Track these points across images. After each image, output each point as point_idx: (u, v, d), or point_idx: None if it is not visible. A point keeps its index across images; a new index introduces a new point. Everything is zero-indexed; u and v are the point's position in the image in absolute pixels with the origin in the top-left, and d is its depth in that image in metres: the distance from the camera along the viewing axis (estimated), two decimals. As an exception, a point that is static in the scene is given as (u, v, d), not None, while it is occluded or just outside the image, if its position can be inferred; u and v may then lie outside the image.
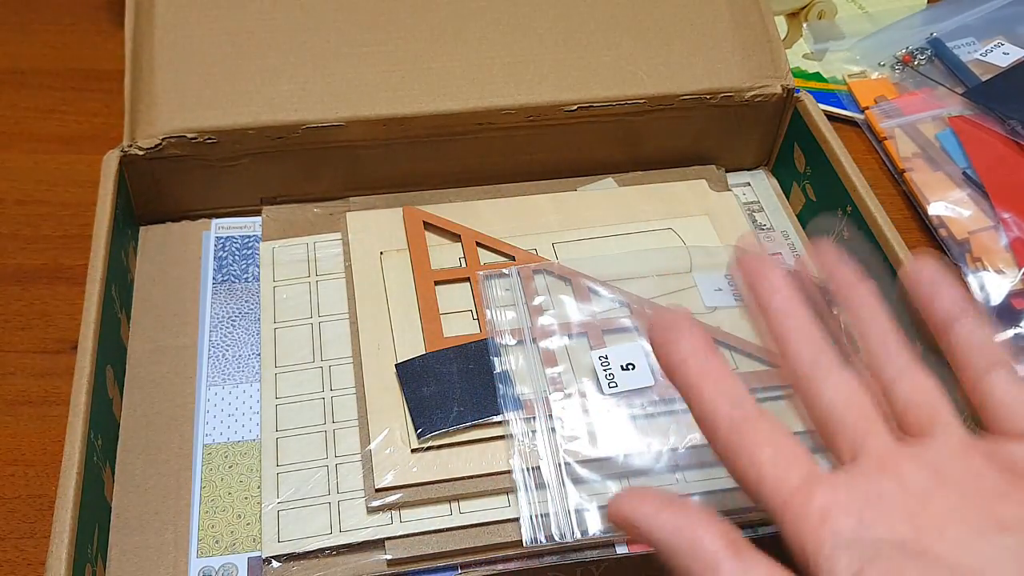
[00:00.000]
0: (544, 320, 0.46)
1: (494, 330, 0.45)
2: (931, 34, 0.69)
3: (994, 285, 0.54)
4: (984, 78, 0.66)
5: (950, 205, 0.58)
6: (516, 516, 0.40)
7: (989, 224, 0.57)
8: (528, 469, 0.41)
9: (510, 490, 0.41)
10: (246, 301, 0.49)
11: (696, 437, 0.41)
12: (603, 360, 0.44)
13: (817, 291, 0.31)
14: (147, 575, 0.39)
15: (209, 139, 0.49)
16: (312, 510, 0.40)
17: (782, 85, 0.54)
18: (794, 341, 0.29)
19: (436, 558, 0.39)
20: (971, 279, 0.55)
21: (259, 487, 0.41)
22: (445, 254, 0.50)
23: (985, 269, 0.55)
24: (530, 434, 0.42)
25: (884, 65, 0.68)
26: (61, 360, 0.48)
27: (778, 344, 0.29)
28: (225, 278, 0.50)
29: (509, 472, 0.41)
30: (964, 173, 0.59)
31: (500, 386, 0.43)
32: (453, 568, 0.39)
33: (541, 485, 0.40)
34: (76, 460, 0.37)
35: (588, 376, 0.44)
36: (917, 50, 0.68)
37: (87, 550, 0.37)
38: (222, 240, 0.52)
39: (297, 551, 0.39)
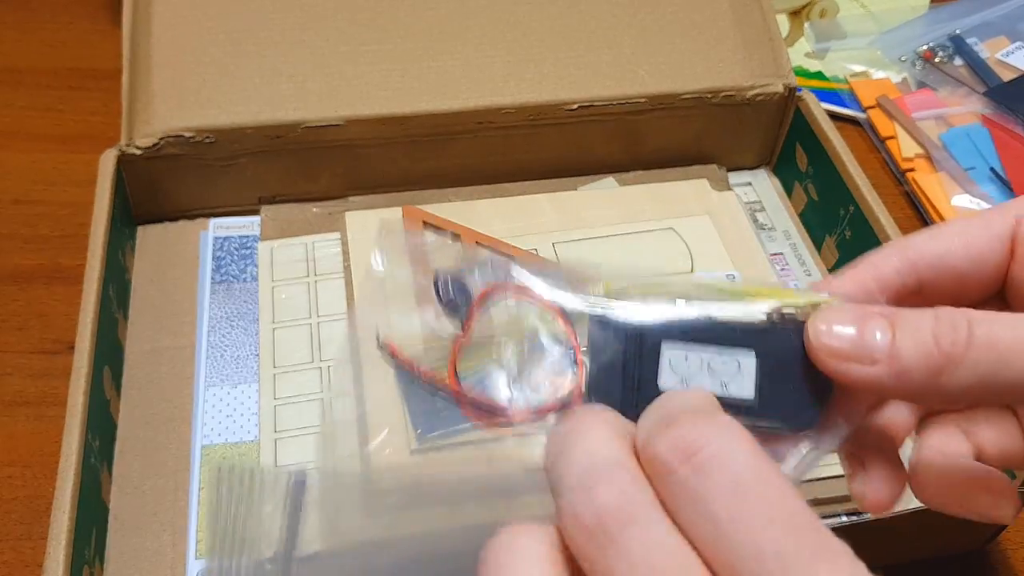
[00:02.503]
0: None
1: None
2: (955, 31, 0.69)
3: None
4: (1005, 79, 0.65)
5: (953, 205, 0.58)
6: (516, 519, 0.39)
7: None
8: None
9: (511, 491, 0.40)
10: (244, 301, 0.49)
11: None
12: None
13: None
14: (145, 577, 0.39)
15: (207, 138, 0.49)
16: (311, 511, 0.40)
17: (784, 84, 0.54)
18: None
19: (436, 560, 0.39)
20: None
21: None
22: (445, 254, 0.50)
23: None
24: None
25: (905, 60, 0.67)
26: (58, 360, 0.48)
27: None
28: (223, 278, 0.50)
29: (510, 473, 0.40)
30: (992, 170, 0.59)
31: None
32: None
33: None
34: (73, 461, 0.37)
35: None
36: (939, 47, 0.68)
37: (85, 552, 0.37)
38: (220, 240, 0.52)
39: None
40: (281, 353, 0.46)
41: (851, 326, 0.22)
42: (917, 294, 0.25)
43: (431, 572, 0.34)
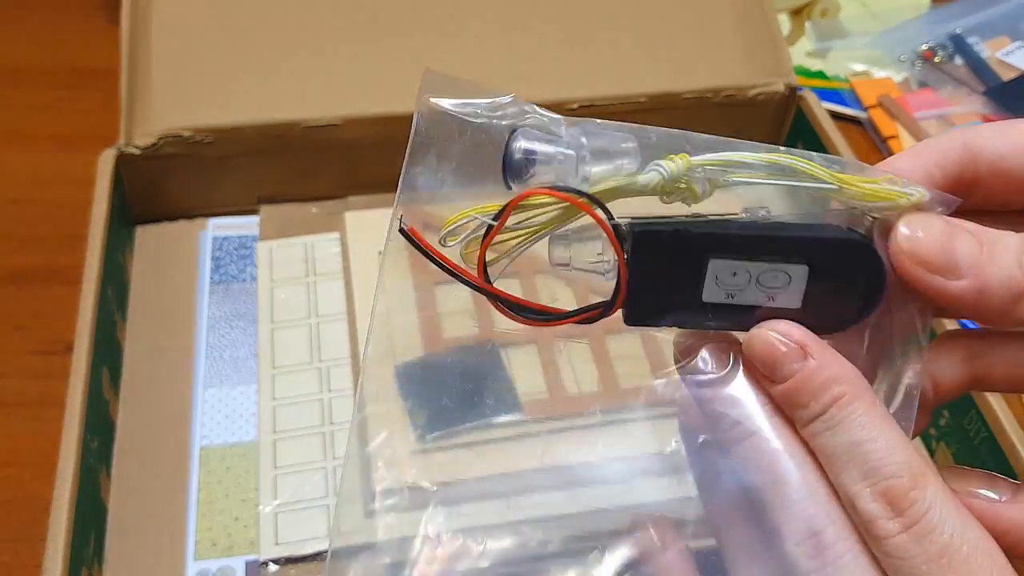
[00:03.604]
0: None
1: None
2: (955, 31, 0.69)
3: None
4: (1005, 78, 0.65)
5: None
6: (516, 519, 0.39)
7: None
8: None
9: (510, 492, 0.40)
10: (243, 301, 0.48)
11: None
12: None
13: None
14: (143, 579, 0.39)
15: (206, 138, 0.49)
16: (310, 512, 0.40)
17: (785, 83, 0.54)
18: None
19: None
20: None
21: (256, 489, 0.41)
22: (444, 254, 0.49)
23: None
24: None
25: (905, 60, 0.67)
26: (57, 361, 0.48)
27: None
28: (222, 278, 0.49)
29: (510, 474, 0.40)
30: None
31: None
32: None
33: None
34: (72, 462, 0.37)
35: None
36: (938, 46, 0.68)
37: (83, 553, 0.37)
38: (219, 240, 0.51)
39: (295, 554, 0.39)
40: (280, 353, 0.46)
41: (939, 236, 0.22)
42: (972, 189, 0.24)
43: None
